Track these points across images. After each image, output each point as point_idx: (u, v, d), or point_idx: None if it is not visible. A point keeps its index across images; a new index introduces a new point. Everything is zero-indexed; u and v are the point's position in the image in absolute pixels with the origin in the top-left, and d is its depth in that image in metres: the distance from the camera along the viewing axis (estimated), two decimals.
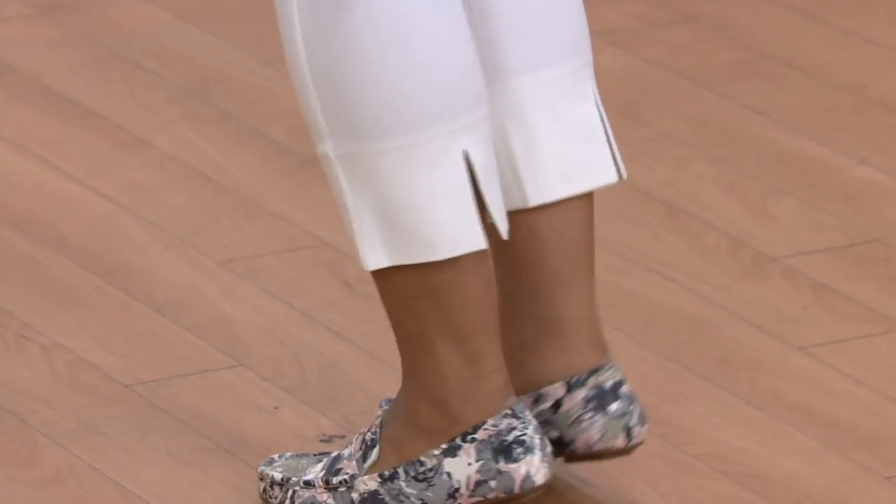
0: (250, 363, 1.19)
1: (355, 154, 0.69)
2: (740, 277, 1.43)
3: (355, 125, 0.68)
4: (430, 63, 0.66)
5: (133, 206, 1.60)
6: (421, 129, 0.66)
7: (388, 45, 0.65)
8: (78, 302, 1.34)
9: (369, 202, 0.69)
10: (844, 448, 1.01)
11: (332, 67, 0.67)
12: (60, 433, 1.01)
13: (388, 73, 0.66)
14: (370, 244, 0.71)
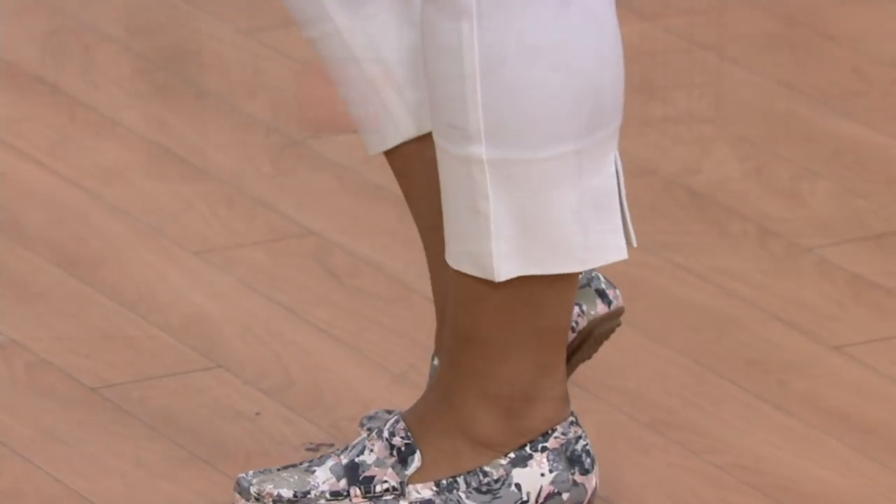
0: (229, 364, 1.19)
1: (514, 160, 0.70)
2: (770, 270, 1.42)
3: (522, 129, 0.69)
4: (612, 62, 0.71)
5: (99, 192, 1.58)
6: (590, 133, 0.70)
7: (581, 45, 0.69)
8: (38, 297, 1.33)
9: (515, 210, 0.72)
10: (882, 456, 1.01)
11: (510, 65, 0.68)
12: (19, 441, 1.01)
13: (572, 76, 0.68)
14: (505, 253, 0.72)
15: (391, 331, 1.27)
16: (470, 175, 0.72)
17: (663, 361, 1.19)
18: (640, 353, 1.15)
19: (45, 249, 1.44)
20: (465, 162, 0.72)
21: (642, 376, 1.15)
